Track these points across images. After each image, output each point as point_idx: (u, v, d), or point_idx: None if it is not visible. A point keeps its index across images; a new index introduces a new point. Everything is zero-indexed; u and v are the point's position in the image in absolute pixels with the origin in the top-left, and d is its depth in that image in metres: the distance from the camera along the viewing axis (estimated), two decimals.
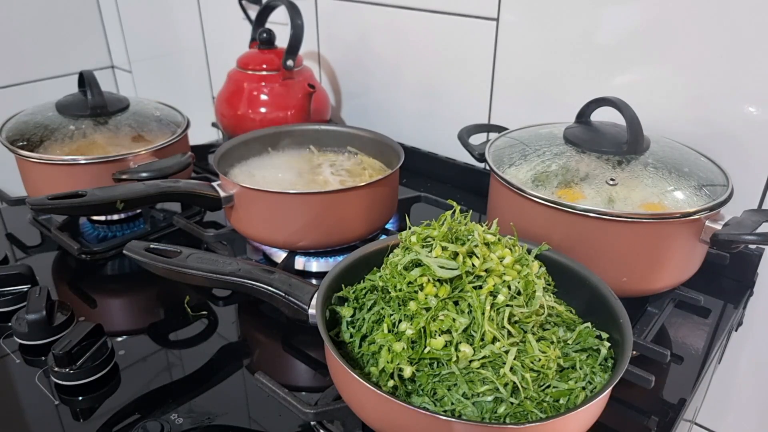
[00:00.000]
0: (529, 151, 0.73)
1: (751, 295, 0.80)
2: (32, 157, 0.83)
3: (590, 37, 0.84)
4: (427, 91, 1.08)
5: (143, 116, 0.94)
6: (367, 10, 1.10)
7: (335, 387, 0.53)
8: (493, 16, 0.93)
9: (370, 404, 0.47)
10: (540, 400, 0.46)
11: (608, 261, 0.64)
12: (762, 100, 0.73)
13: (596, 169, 0.67)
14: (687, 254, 0.66)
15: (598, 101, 0.72)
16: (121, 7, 1.71)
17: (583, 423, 0.46)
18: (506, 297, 0.51)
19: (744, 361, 0.85)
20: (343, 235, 0.78)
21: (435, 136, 1.10)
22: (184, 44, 1.58)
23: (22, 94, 1.65)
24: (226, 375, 0.65)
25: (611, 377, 0.47)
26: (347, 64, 1.21)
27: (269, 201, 0.75)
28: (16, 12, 1.60)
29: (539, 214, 0.65)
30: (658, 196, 0.64)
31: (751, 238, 0.60)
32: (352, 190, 0.75)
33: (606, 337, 0.52)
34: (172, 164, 0.84)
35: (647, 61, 0.80)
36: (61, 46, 1.70)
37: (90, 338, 0.62)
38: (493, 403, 0.46)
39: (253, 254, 0.85)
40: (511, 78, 0.96)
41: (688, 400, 0.61)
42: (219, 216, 0.96)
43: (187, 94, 1.66)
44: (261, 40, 1.11)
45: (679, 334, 0.72)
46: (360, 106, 1.23)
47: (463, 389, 0.46)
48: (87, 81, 0.91)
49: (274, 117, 1.07)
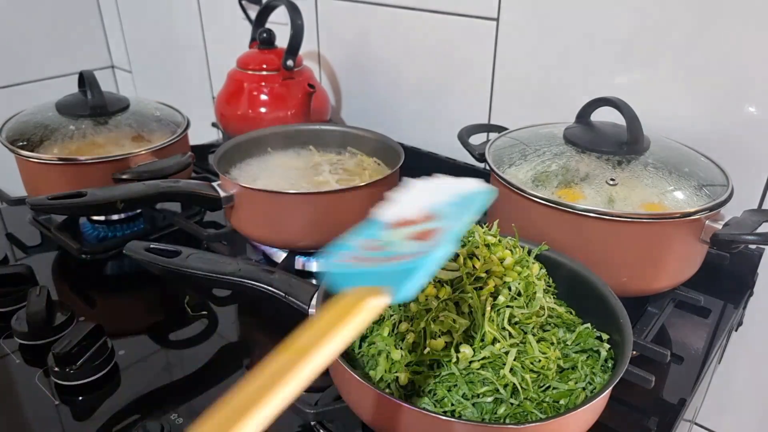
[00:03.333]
0: (529, 151, 0.73)
1: (751, 295, 0.80)
2: (32, 157, 0.83)
3: (590, 36, 0.84)
4: (427, 91, 1.08)
5: (143, 116, 0.94)
6: (367, 10, 1.10)
7: (335, 387, 0.53)
8: (494, 16, 0.93)
9: (370, 404, 0.47)
10: (540, 401, 0.46)
11: (608, 261, 0.64)
12: (762, 100, 0.73)
13: (596, 169, 0.67)
14: (687, 254, 0.66)
15: (599, 101, 0.72)
16: (121, 7, 1.71)
17: (584, 423, 0.46)
18: (507, 298, 0.51)
19: (744, 361, 0.85)
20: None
21: (435, 136, 1.10)
22: (184, 44, 1.58)
23: (22, 94, 1.65)
24: (226, 375, 0.65)
25: (611, 377, 0.47)
26: (347, 64, 1.21)
27: (269, 201, 0.75)
28: (16, 12, 1.60)
29: (539, 214, 0.65)
30: (658, 196, 0.64)
31: (751, 238, 0.60)
32: (352, 190, 0.75)
33: (606, 338, 0.52)
34: (172, 164, 0.84)
35: (647, 61, 0.80)
36: (61, 46, 1.70)
37: (90, 338, 0.62)
38: (493, 404, 0.46)
39: (253, 254, 0.85)
40: (511, 78, 0.96)
41: (688, 400, 0.61)
42: (219, 216, 0.96)
43: (187, 94, 1.66)
44: (261, 40, 1.11)
45: (679, 334, 0.72)
46: (360, 106, 1.23)
47: (463, 390, 0.46)
48: (87, 81, 0.90)
49: (274, 117, 1.06)
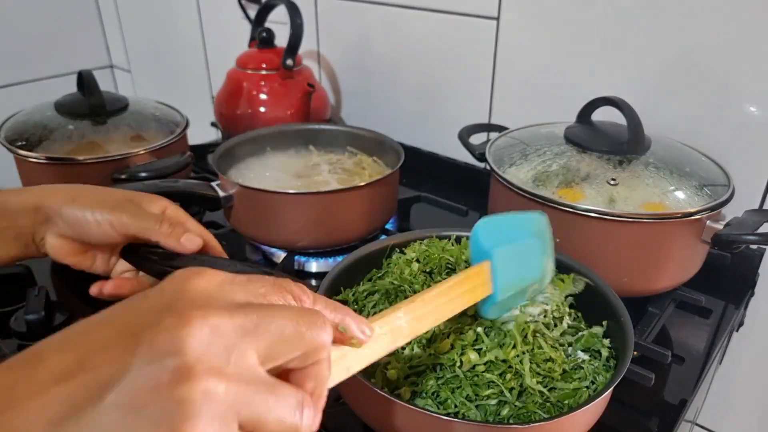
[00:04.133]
0: (530, 151, 0.72)
1: (752, 296, 0.80)
2: (31, 157, 0.83)
3: (591, 36, 0.84)
4: (428, 90, 1.08)
5: (142, 116, 0.94)
6: (367, 9, 1.10)
7: (337, 388, 0.53)
8: (494, 16, 0.93)
9: (372, 405, 0.47)
10: (544, 401, 0.46)
11: (609, 261, 0.64)
12: (762, 100, 0.73)
13: (597, 168, 0.67)
14: (688, 254, 0.66)
15: (599, 101, 0.72)
16: (120, 6, 1.71)
17: (586, 422, 0.46)
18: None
19: (745, 362, 0.85)
20: (342, 235, 0.78)
21: (435, 136, 1.10)
22: (184, 43, 1.58)
23: (21, 94, 1.64)
24: None
25: (614, 375, 0.47)
26: (347, 64, 1.21)
27: (269, 201, 0.75)
28: (15, 12, 1.60)
29: None
30: (659, 195, 0.64)
31: (753, 238, 0.60)
32: (351, 190, 0.75)
33: (607, 341, 0.52)
34: (171, 164, 0.84)
35: (648, 60, 0.80)
36: (59, 46, 1.70)
37: None
38: (497, 405, 0.45)
39: (252, 254, 0.85)
40: (511, 77, 0.96)
41: (689, 400, 0.61)
42: (219, 216, 0.95)
43: (186, 94, 1.66)
44: (260, 39, 1.10)
45: (680, 334, 0.71)
46: (360, 106, 1.23)
47: (467, 392, 0.46)
48: (86, 81, 0.90)
49: (273, 116, 1.06)
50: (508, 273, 0.45)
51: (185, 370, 0.24)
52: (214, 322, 0.26)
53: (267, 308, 0.28)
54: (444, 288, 0.41)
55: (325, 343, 0.29)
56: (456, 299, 0.42)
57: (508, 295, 0.46)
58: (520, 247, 0.47)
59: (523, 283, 0.48)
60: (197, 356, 0.25)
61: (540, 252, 0.49)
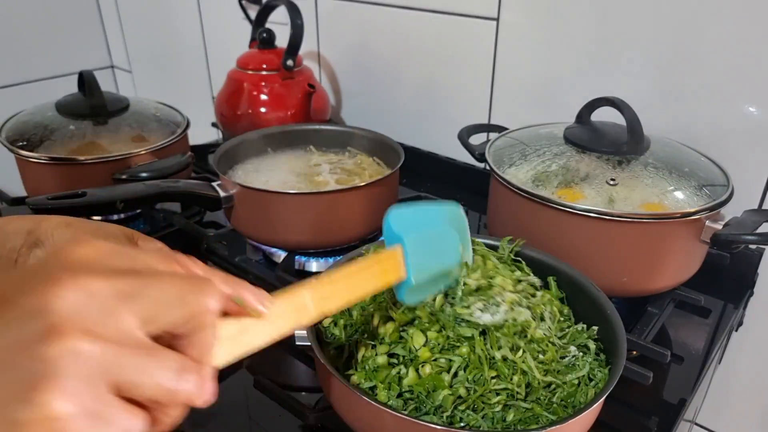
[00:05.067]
0: (530, 151, 0.73)
1: (751, 296, 0.80)
2: (32, 157, 0.83)
3: (591, 36, 0.84)
4: (427, 91, 1.08)
5: (143, 116, 0.94)
6: (367, 10, 1.10)
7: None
8: (494, 16, 0.93)
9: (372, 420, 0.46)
10: (548, 402, 0.46)
11: (608, 261, 0.64)
12: (762, 100, 0.73)
13: (596, 169, 0.67)
14: (687, 254, 0.66)
15: (599, 101, 0.72)
16: (120, 6, 1.71)
17: (588, 421, 0.46)
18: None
19: (744, 362, 0.85)
20: (342, 236, 0.78)
21: (435, 136, 1.10)
22: (184, 44, 1.58)
23: (22, 94, 1.64)
24: (226, 375, 0.64)
25: (612, 372, 0.47)
26: (347, 64, 1.21)
27: (269, 201, 0.75)
28: (16, 12, 1.60)
29: (539, 214, 0.65)
30: (659, 196, 0.64)
31: (752, 238, 0.60)
32: (351, 190, 0.75)
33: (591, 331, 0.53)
34: (171, 164, 0.84)
35: (648, 60, 0.80)
36: (60, 46, 1.70)
37: None
38: (502, 411, 0.45)
39: (252, 254, 0.85)
40: (511, 78, 0.96)
41: (688, 400, 0.61)
42: (219, 216, 0.95)
43: (186, 94, 1.66)
44: (261, 39, 1.11)
45: (679, 334, 0.72)
46: (360, 106, 1.23)
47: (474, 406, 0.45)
48: (87, 81, 0.90)
49: (273, 117, 1.06)
50: (420, 258, 0.46)
51: (52, 329, 0.24)
52: (88, 284, 0.26)
53: (150, 274, 0.28)
54: (352, 270, 0.42)
55: (209, 307, 0.29)
56: (366, 281, 0.42)
57: (422, 279, 0.47)
58: (432, 234, 0.48)
59: (437, 268, 0.49)
60: (66, 315, 0.25)
61: (454, 239, 0.51)
